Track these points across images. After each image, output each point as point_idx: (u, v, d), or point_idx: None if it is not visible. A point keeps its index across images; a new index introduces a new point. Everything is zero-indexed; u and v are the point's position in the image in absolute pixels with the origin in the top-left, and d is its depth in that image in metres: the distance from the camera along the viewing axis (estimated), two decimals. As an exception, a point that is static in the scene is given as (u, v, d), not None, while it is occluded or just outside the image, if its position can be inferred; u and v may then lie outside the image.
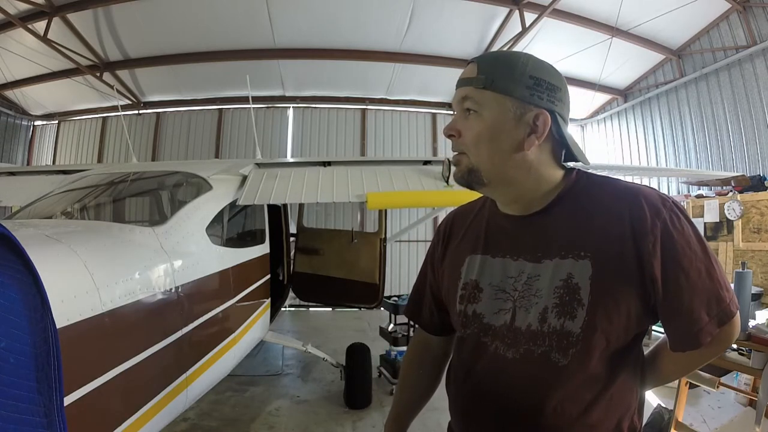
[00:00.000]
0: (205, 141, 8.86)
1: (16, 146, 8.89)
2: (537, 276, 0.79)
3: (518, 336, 0.79)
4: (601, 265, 0.75)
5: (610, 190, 0.81)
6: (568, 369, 0.75)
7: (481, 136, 0.81)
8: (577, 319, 0.75)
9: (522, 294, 0.80)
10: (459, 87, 0.85)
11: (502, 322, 0.82)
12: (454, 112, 0.87)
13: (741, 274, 2.52)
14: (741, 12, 5.76)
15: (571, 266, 0.76)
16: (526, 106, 0.79)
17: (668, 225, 0.74)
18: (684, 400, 2.67)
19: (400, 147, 8.97)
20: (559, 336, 0.76)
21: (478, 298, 0.86)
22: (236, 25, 6.60)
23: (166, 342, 1.87)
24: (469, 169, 0.83)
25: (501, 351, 0.81)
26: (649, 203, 0.75)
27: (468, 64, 0.86)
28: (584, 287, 0.74)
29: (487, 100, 0.80)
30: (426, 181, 3.20)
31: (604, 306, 0.74)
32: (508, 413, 0.80)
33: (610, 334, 0.75)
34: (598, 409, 0.76)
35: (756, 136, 5.72)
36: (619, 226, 0.75)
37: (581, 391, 0.76)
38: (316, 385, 4.26)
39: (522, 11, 5.97)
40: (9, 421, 0.68)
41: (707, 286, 0.74)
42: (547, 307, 0.77)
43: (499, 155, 0.81)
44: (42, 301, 0.76)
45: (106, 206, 2.88)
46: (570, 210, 0.81)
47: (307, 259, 4.21)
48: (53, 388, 0.75)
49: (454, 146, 0.86)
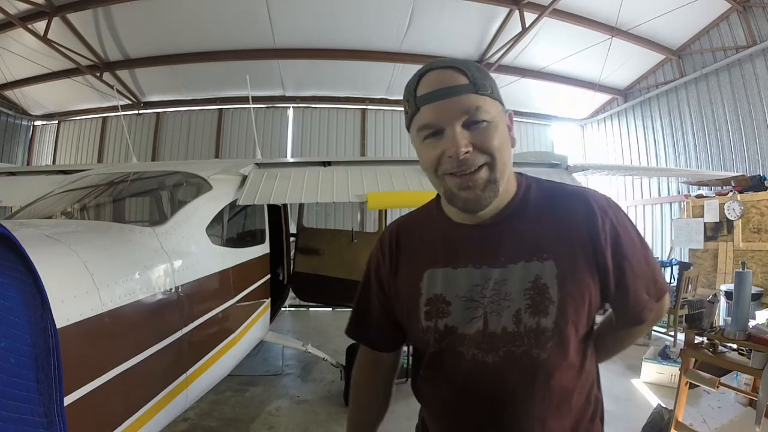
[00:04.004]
0: (205, 141, 8.86)
1: (16, 146, 8.88)
2: (504, 281, 0.82)
3: (494, 340, 0.81)
4: (563, 263, 0.81)
5: (560, 194, 0.89)
6: (549, 361, 0.80)
7: (500, 143, 0.80)
8: (549, 315, 0.79)
9: (491, 300, 0.82)
10: (451, 96, 0.78)
11: (475, 329, 0.82)
12: (443, 125, 0.78)
13: (741, 274, 2.52)
14: (741, 12, 5.76)
15: (537, 268, 0.81)
16: (503, 108, 0.85)
17: (615, 223, 0.84)
18: (684, 400, 2.67)
19: (400, 147, 8.96)
20: (536, 333, 0.80)
21: (447, 311, 0.85)
22: (236, 25, 6.59)
23: (166, 342, 1.88)
24: (493, 181, 0.80)
25: (479, 357, 0.82)
26: (599, 205, 0.85)
27: (436, 71, 0.81)
28: (552, 285, 0.80)
29: (494, 106, 0.81)
30: (426, 181, 3.17)
31: (572, 299, 0.80)
32: (498, 413, 0.82)
33: (578, 324, 0.82)
34: (577, 390, 0.84)
35: (756, 136, 5.72)
36: (575, 228, 0.83)
37: (562, 379, 0.82)
38: (316, 385, 4.25)
39: (522, 11, 5.97)
40: (9, 421, 0.68)
41: (646, 271, 0.87)
42: (520, 308, 0.80)
43: (510, 159, 0.83)
44: (42, 301, 0.76)
45: (106, 206, 2.88)
46: (529, 215, 0.86)
47: (307, 259, 4.21)
48: (53, 388, 0.75)
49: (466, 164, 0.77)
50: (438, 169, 0.82)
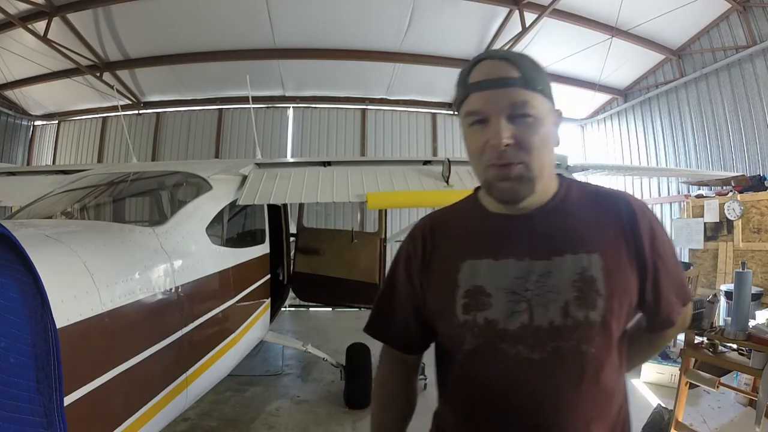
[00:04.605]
0: (205, 141, 8.86)
1: (16, 146, 8.88)
2: (549, 273, 0.80)
3: (541, 335, 0.78)
4: (608, 257, 0.80)
5: (601, 193, 0.90)
6: (597, 357, 0.78)
7: (542, 142, 0.80)
8: (597, 308, 0.78)
9: (536, 292, 0.79)
10: (499, 87, 0.79)
11: (519, 323, 0.79)
12: (489, 114, 0.79)
13: (741, 274, 2.52)
14: (741, 12, 5.76)
15: (584, 260, 0.80)
16: (554, 107, 0.85)
17: (652, 222, 0.86)
18: (684, 400, 2.67)
19: (400, 147, 8.96)
20: (584, 327, 0.78)
21: (488, 304, 0.81)
22: (236, 25, 6.59)
23: (166, 342, 1.88)
24: (529, 179, 0.80)
25: (524, 354, 0.78)
26: (638, 205, 0.87)
27: (489, 61, 0.82)
28: (599, 278, 0.79)
29: (541, 103, 0.81)
30: (426, 181, 3.20)
31: (617, 293, 0.79)
32: (542, 414, 0.78)
33: (620, 319, 0.81)
34: (616, 394, 0.82)
35: (756, 136, 5.72)
36: (618, 224, 0.84)
37: (607, 378, 0.80)
38: (316, 385, 4.25)
39: (522, 11, 5.97)
40: (9, 421, 0.68)
41: (676, 274, 0.88)
42: (567, 301, 0.78)
43: (551, 159, 0.84)
44: (42, 301, 0.76)
45: (106, 206, 2.88)
46: (572, 210, 0.86)
47: (307, 259, 4.21)
48: (53, 388, 0.75)
49: (506, 157, 0.79)
50: (482, 157, 0.82)
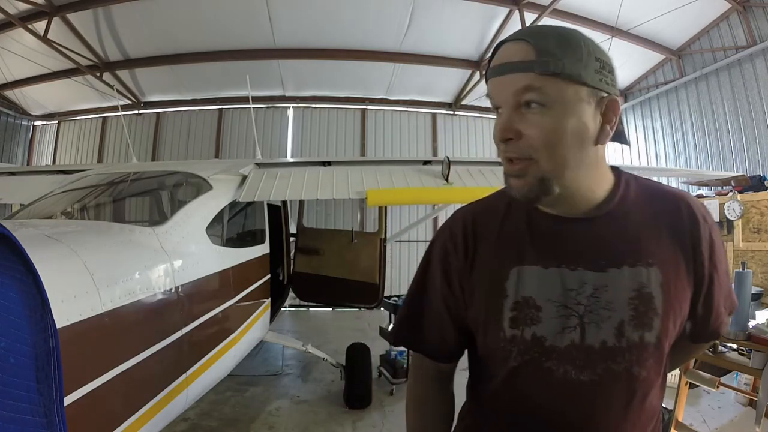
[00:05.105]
0: (205, 141, 8.86)
1: (16, 146, 8.88)
2: (605, 287, 0.71)
3: (591, 355, 0.71)
4: (667, 271, 0.73)
5: (661, 193, 0.80)
6: (647, 380, 0.73)
7: (556, 135, 0.68)
8: (654, 329, 0.71)
9: (589, 308, 0.71)
10: (507, 73, 0.69)
11: (569, 341, 0.72)
12: (499, 106, 0.72)
13: (741, 274, 2.51)
14: (741, 12, 5.76)
15: (642, 275, 0.72)
16: (598, 93, 0.70)
17: (712, 231, 0.78)
18: (684, 400, 2.67)
19: (400, 147, 8.97)
20: (639, 349, 0.71)
21: (537, 318, 0.73)
22: (236, 25, 6.60)
23: (166, 342, 1.87)
24: (541, 179, 0.70)
25: (572, 375, 0.71)
26: (700, 210, 0.78)
27: (508, 44, 0.71)
28: (657, 296, 0.71)
29: (559, 89, 0.67)
30: (426, 181, 3.20)
31: (673, 312, 0.73)
32: None
33: (672, 339, 0.75)
34: (657, 414, 0.78)
35: (756, 136, 5.72)
36: (680, 232, 0.76)
37: (653, 400, 0.75)
38: (316, 385, 4.25)
39: (522, 11, 5.98)
40: (9, 421, 0.68)
41: (726, 284, 0.82)
42: (623, 320, 0.71)
43: (577, 156, 0.70)
44: (42, 301, 0.76)
45: (106, 206, 2.88)
46: (629, 214, 0.76)
47: (307, 259, 4.21)
48: (53, 388, 0.75)
49: (509, 151, 0.71)
50: (499, 147, 0.74)
